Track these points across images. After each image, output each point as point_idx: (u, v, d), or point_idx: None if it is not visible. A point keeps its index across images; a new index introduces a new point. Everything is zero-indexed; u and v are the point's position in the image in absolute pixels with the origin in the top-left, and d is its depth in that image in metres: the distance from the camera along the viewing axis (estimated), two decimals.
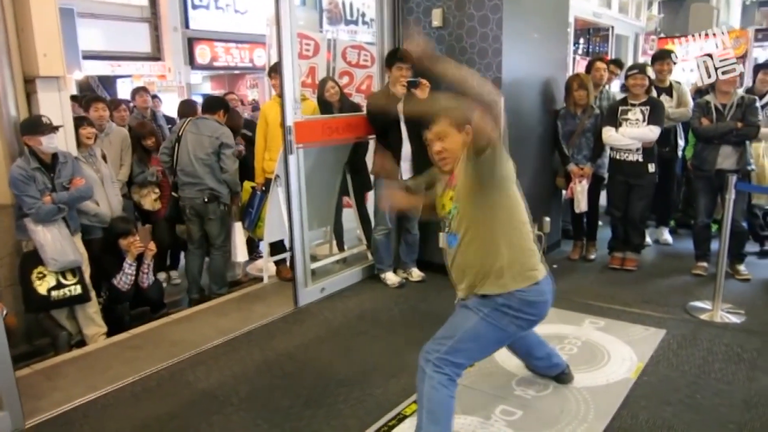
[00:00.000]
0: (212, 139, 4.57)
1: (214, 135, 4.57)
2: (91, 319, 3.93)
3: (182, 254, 5.24)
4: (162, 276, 5.07)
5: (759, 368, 3.11)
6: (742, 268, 4.59)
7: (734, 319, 3.76)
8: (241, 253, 4.78)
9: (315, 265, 4.56)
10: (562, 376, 2.97)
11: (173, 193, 4.82)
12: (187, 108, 5.54)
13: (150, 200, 4.96)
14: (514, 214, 2.34)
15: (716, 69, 4.26)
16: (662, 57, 5.28)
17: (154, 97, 7.19)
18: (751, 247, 5.09)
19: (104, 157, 4.40)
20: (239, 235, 4.75)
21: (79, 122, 4.17)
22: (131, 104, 6.44)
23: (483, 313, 2.32)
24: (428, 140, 2.41)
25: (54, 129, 3.62)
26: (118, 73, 12.60)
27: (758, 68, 5.04)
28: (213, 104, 4.83)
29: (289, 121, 3.95)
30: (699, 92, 5.23)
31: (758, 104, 4.41)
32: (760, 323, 3.70)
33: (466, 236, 2.34)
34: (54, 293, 3.70)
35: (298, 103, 4.09)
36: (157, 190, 4.99)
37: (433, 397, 2.25)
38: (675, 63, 4.76)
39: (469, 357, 2.39)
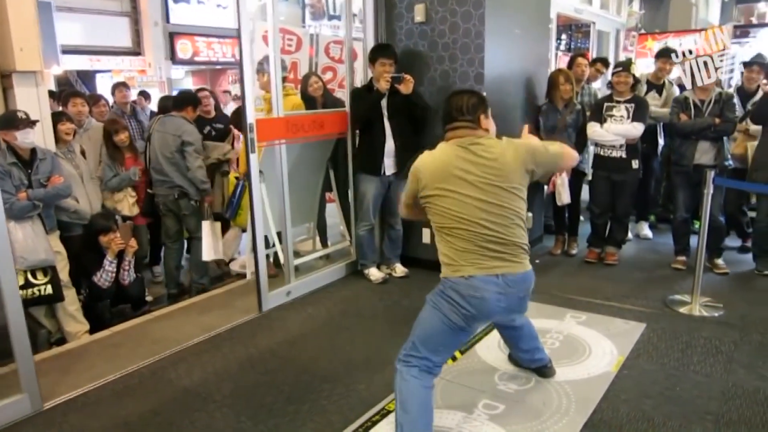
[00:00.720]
0: (175, 137, 4.56)
1: (176, 133, 4.57)
2: (72, 316, 3.89)
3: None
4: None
5: (736, 361, 3.16)
6: (720, 262, 4.66)
7: (712, 313, 3.82)
8: (206, 252, 4.66)
9: (298, 261, 4.55)
10: (544, 370, 2.99)
11: (148, 190, 4.82)
12: (167, 104, 5.50)
13: (127, 204, 4.63)
14: (439, 221, 2.43)
15: (716, 69, 4.29)
16: (667, 55, 5.30)
17: (142, 93, 6.93)
18: (733, 242, 5.18)
19: (83, 153, 4.35)
20: (206, 234, 4.65)
21: (57, 118, 4.11)
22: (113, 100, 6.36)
23: (432, 301, 2.44)
24: None
25: (29, 124, 3.56)
26: (98, 68, 12.44)
27: (743, 66, 5.10)
28: (180, 101, 4.80)
29: (250, 119, 3.80)
30: (681, 87, 5.27)
31: (734, 100, 4.47)
32: (737, 316, 3.76)
33: None
34: (21, 292, 3.60)
35: (280, 98, 4.06)
36: (133, 194, 4.68)
37: (404, 388, 2.32)
38: (674, 63, 4.69)
39: (430, 349, 2.38)
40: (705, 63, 4.29)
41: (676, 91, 5.34)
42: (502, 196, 2.37)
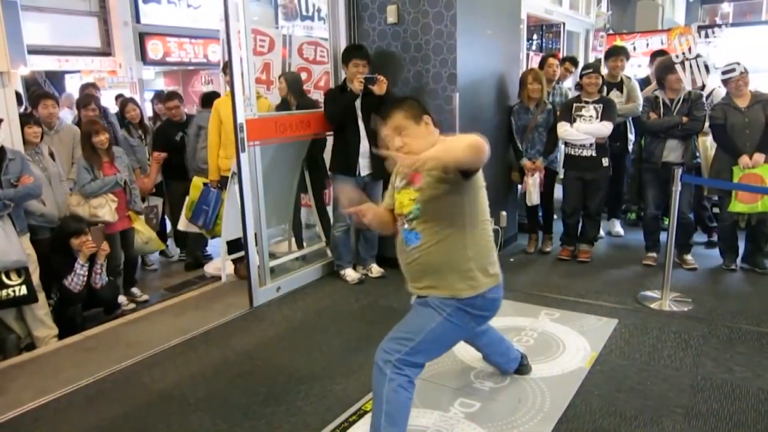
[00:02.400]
0: (198, 126, 5.18)
1: (200, 123, 5.17)
2: (41, 320, 3.81)
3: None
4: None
5: (705, 354, 3.24)
6: (689, 257, 4.75)
7: (682, 308, 3.90)
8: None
9: (274, 263, 4.53)
10: (520, 368, 3.02)
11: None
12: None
13: (109, 210, 4.35)
14: (480, 213, 2.31)
15: (716, 69, 4.36)
16: (616, 53, 5.42)
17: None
18: (699, 237, 5.29)
19: (52, 155, 4.27)
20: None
21: (25, 120, 4.03)
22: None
23: (446, 312, 2.28)
24: (386, 136, 2.31)
25: None
26: (66, 68, 12.20)
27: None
28: (209, 100, 5.30)
29: (241, 119, 3.85)
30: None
31: (703, 99, 4.58)
32: (705, 311, 3.85)
33: (433, 236, 2.27)
34: None
35: (250, 99, 4.05)
36: (114, 198, 4.41)
37: (393, 399, 2.21)
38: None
39: (429, 356, 2.37)
40: (705, 63, 4.36)
41: (636, 84, 5.44)
42: None
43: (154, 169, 5.32)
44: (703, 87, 5.00)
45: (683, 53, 4.42)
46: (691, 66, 4.38)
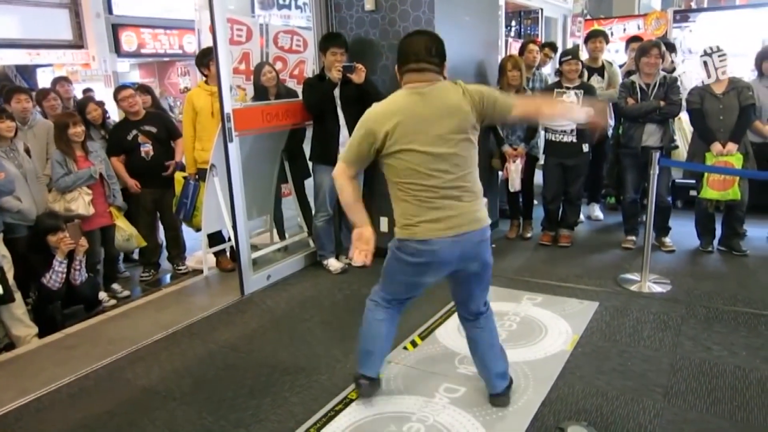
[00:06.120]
0: None
1: None
2: (19, 320, 3.75)
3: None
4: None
5: (683, 334, 3.30)
6: (667, 240, 4.82)
7: (661, 289, 3.96)
8: None
9: (256, 254, 4.51)
10: (501, 395, 2.67)
11: None
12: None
13: (83, 203, 4.21)
14: (397, 176, 2.45)
15: (716, 68, 4.38)
16: (595, 35, 5.45)
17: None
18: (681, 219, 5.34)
19: (27, 151, 4.18)
20: None
21: None
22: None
23: (391, 248, 2.65)
24: None
25: None
26: (38, 62, 11.96)
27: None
28: None
29: (228, 109, 3.86)
30: (628, 74, 5.42)
31: (678, 83, 4.62)
32: (684, 292, 3.91)
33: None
34: None
35: (235, 89, 4.03)
36: (89, 191, 4.27)
37: (364, 319, 2.80)
38: (607, 42, 4.75)
39: (390, 290, 2.78)
40: (705, 63, 4.38)
41: (618, 69, 5.47)
42: (460, 145, 2.40)
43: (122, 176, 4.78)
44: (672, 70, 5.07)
45: (704, 51, 4.42)
46: (712, 62, 4.37)
